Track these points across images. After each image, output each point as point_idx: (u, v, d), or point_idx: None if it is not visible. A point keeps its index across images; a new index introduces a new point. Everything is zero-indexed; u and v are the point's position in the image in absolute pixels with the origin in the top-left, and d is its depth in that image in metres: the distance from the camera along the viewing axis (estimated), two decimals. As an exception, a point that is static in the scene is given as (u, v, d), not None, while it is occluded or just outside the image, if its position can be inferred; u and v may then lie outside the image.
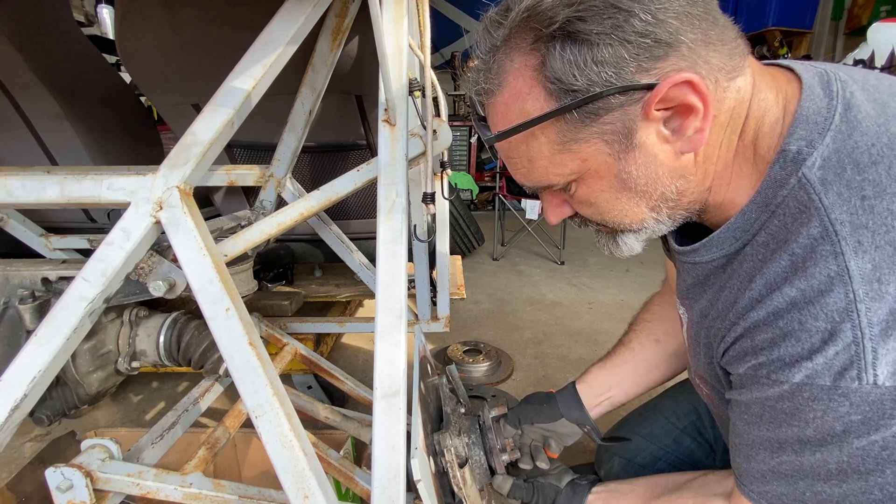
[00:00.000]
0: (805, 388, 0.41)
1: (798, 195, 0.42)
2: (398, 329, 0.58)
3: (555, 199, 0.54)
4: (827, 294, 0.39)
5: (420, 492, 0.57)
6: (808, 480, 0.45)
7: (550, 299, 2.41)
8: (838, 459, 0.42)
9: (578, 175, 0.47)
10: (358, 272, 1.21)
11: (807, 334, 0.40)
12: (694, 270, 0.57)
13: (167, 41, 0.98)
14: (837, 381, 0.39)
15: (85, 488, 0.67)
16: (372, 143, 1.20)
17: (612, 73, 0.40)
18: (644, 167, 0.45)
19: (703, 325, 0.57)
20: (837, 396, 0.39)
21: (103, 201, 0.63)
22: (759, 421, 0.47)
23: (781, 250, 0.43)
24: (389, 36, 0.63)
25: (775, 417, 0.45)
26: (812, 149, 0.41)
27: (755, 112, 0.45)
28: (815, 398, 0.41)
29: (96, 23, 2.89)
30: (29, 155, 1.30)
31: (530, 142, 0.47)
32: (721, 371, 0.54)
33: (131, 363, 0.81)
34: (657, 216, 0.50)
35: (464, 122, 4.46)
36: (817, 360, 0.40)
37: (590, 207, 0.51)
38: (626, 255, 0.56)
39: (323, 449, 0.90)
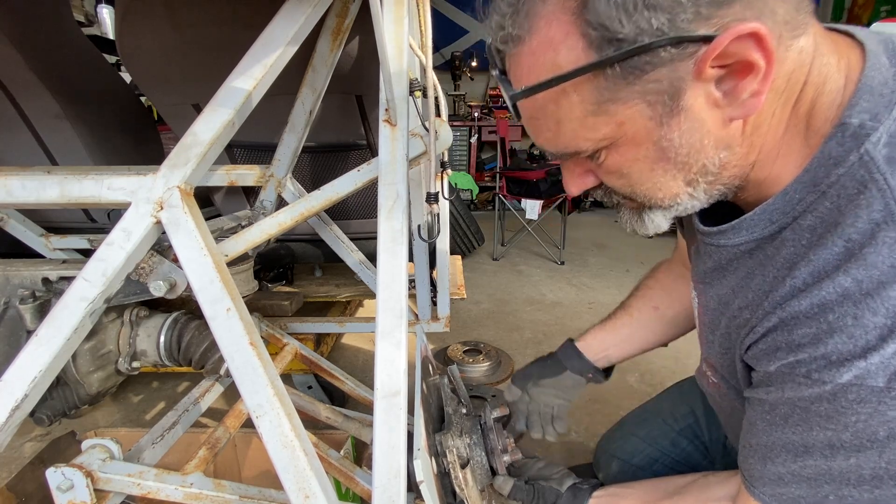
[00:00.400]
0: (852, 390, 0.37)
1: (858, 174, 0.38)
2: (399, 329, 0.58)
3: (578, 167, 0.48)
4: (888, 286, 0.35)
5: (423, 493, 0.57)
6: (835, 485, 0.42)
7: (550, 299, 2.41)
8: (875, 465, 0.39)
9: (612, 141, 0.41)
10: (358, 272, 1.21)
11: (862, 330, 0.36)
12: (717, 253, 0.52)
13: (167, 41, 0.98)
14: (892, 382, 0.36)
15: (85, 488, 0.67)
16: (372, 143, 1.20)
17: (666, 20, 0.34)
18: (688, 134, 0.39)
19: (723, 314, 0.52)
20: (889, 399, 0.36)
21: (104, 201, 0.63)
22: (785, 423, 0.43)
23: (833, 234, 0.38)
24: (390, 36, 0.63)
25: (807, 420, 0.41)
26: (877, 123, 0.37)
27: (815, 78, 0.40)
28: (863, 401, 0.37)
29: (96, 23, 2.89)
30: (29, 155, 1.30)
31: (560, 100, 0.40)
32: (742, 365, 0.50)
33: (132, 363, 0.81)
34: (693, 191, 0.44)
35: (464, 122, 4.46)
36: (872, 360, 0.36)
37: (620, 178, 0.45)
38: (651, 233, 0.50)
39: (323, 449, 0.90)
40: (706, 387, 0.67)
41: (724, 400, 0.62)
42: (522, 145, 4.70)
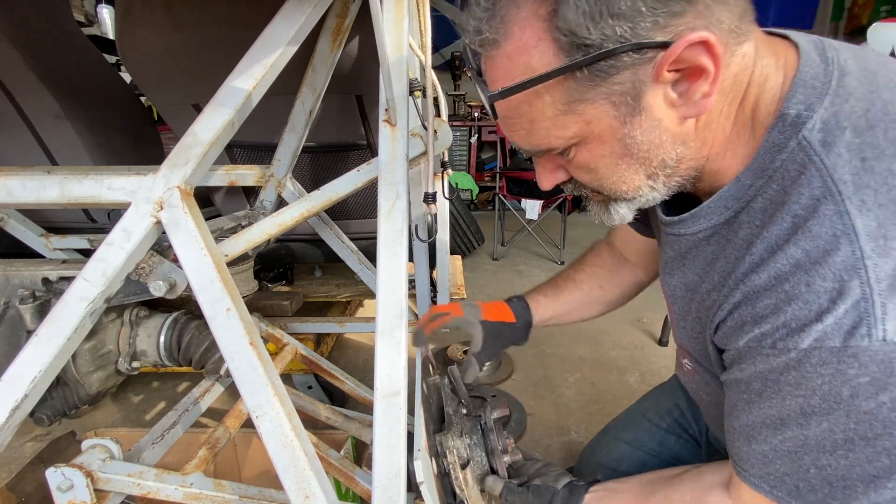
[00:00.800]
0: (814, 353, 0.40)
1: (798, 157, 0.42)
2: (399, 329, 0.58)
3: (550, 163, 0.52)
4: (833, 252, 0.39)
5: (423, 494, 0.57)
6: (813, 454, 0.43)
7: (550, 299, 2.41)
8: (845, 427, 0.41)
9: (581, 139, 0.45)
10: (358, 272, 1.21)
11: (815, 295, 0.39)
12: (678, 243, 0.56)
13: (167, 41, 0.98)
14: (847, 340, 0.38)
15: (85, 488, 0.67)
16: (372, 143, 1.20)
17: (628, 28, 0.38)
18: (648, 132, 0.44)
19: (692, 300, 0.55)
20: (847, 358, 0.39)
21: (104, 201, 0.63)
22: (760, 398, 0.46)
23: (782, 212, 0.42)
24: (390, 36, 0.63)
25: (779, 391, 0.44)
26: (811, 112, 0.42)
27: (757, 78, 0.45)
28: (824, 362, 0.40)
29: (96, 23, 2.89)
30: (29, 155, 1.30)
31: (533, 101, 0.44)
32: (713, 348, 0.53)
33: (132, 363, 0.82)
34: (653, 184, 0.48)
35: (464, 122, 4.46)
36: (827, 321, 0.39)
37: (588, 173, 0.49)
38: (617, 223, 0.54)
39: (323, 449, 0.90)
40: (684, 376, 0.69)
41: (701, 387, 0.64)
42: (522, 145, 4.70)
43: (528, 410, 1.55)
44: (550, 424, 1.49)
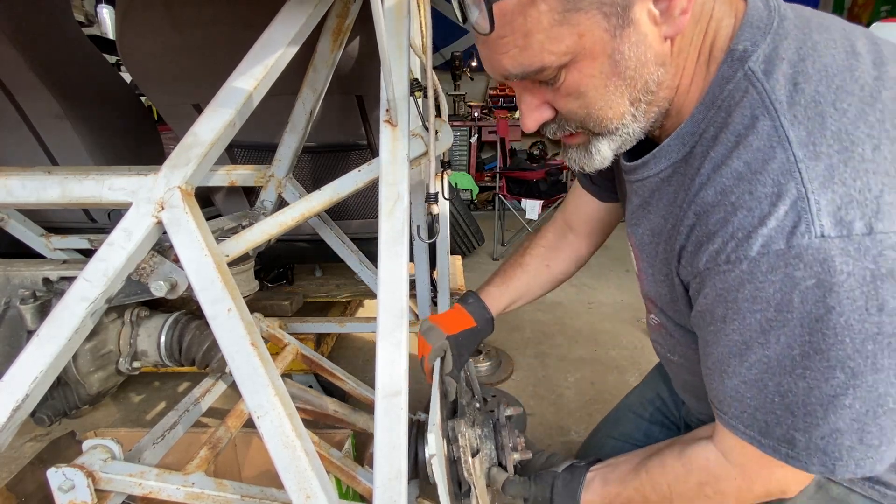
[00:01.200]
0: (763, 260, 0.42)
1: (742, 85, 0.46)
2: (399, 329, 0.58)
3: (535, 99, 0.52)
4: (771, 160, 0.42)
5: (433, 467, 0.57)
6: (776, 378, 0.46)
7: (550, 299, 2.41)
8: (801, 340, 0.43)
9: (573, 55, 0.46)
10: (358, 272, 1.21)
11: (757, 201, 0.43)
12: (641, 189, 0.59)
13: (168, 41, 0.98)
14: (790, 240, 0.41)
15: (86, 488, 0.67)
16: (373, 143, 1.20)
17: None
18: (635, 48, 0.46)
19: (658, 243, 0.58)
20: (792, 259, 0.41)
21: (104, 201, 0.63)
22: (724, 324, 0.48)
23: (725, 132, 0.46)
24: (391, 36, 0.63)
25: (738, 310, 0.46)
26: (756, 48, 0.46)
27: (716, 15, 0.49)
28: (773, 268, 0.42)
29: (96, 23, 2.89)
30: (29, 155, 1.30)
31: (529, 10, 0.44)
32: (681, 289, 0.55)
33: (132, 363, 0.82)
34: (635, 112, 0.50)
35: (464, 122, 4.46)
36: (770, 224, 0.42)
37: (577, 100, 0.49)
38: (598, 166, 0.55)
39: (325, 448, 0.90)
40: (652, 333, 0.71)
41: (668, 345, 0.67)
42: (522, 145, 4.70)
43: (528, 410, 1.55)
44: (550, 424, 1.50)
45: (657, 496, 0.60)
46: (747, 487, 0.54)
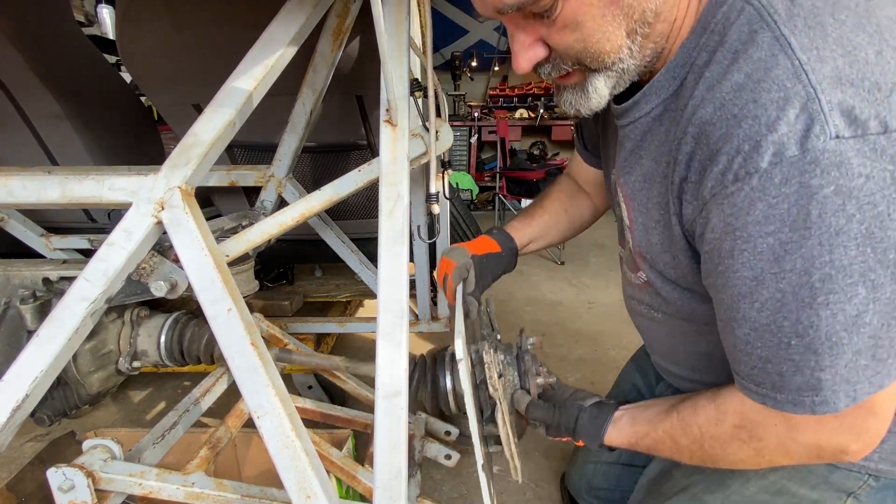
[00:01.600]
0: (775, 172, 0.40)
1: (736, 5, 0.45)
2: (400, 329, 0.58)
3: (528, 37, 0.50)
4: (774, 67, 0.40)
5: (460, 371, 0.58)
6: (793, 314, 0.42)
7: (550, 299, 2.41)
8: (820, 260, 0.40)
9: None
10: (358, 272, 1.21)
11: (762, 109, 0.40)
12: (633, 133, 0.58)
13: (168, 41, 0.98)
14: (804, 144, 0.38)
15: (86, 488, 0.67)
16: (373, 143, 1.20)
17: None
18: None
19: (652, 188, 0.56)
20: (808, 166, 0.38)
21: (105, 201, 0.63)
22: (732, 259, 0.44)
23: (720, 51, 0.44)
24: (391, 36, 0.63)
25: (748, 237, 0.42)
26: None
27: None
28: (787, 179, 0.39)
29: (96, 23, 2.89)
30: (29, 155, 1.30)
31: None
32: (679, 230, 0.52)
33: (132, 363, 0.81)
34: (631, 45, 0.48)
35: (464, 122, 4.46)
36: (780, 129, 0.39)
37: (573, 32, 0.48)
38: (594, 106, 0.53)
39: (325, 448, 0.90)
40: (635, 295, 0.71)
41: (655, 303, 0.65)
42: (522, 145, 4.70)
43: (528, 410, 1.55)
44: (550, 424, 1.49)
45: (688, 439, 0.56)
46: (790, 437, 0.49)
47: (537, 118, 4.48)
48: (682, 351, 0.69)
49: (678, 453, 0.58)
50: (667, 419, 0.59)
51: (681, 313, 0.63)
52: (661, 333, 0.70)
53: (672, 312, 0.64)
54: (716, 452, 0.55)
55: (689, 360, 0.70)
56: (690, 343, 0.67)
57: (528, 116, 4.62)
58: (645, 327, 0.74)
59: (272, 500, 0.69)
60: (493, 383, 0.63)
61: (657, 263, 0.60)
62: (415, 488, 0.90)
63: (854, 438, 0.47)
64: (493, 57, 4.75)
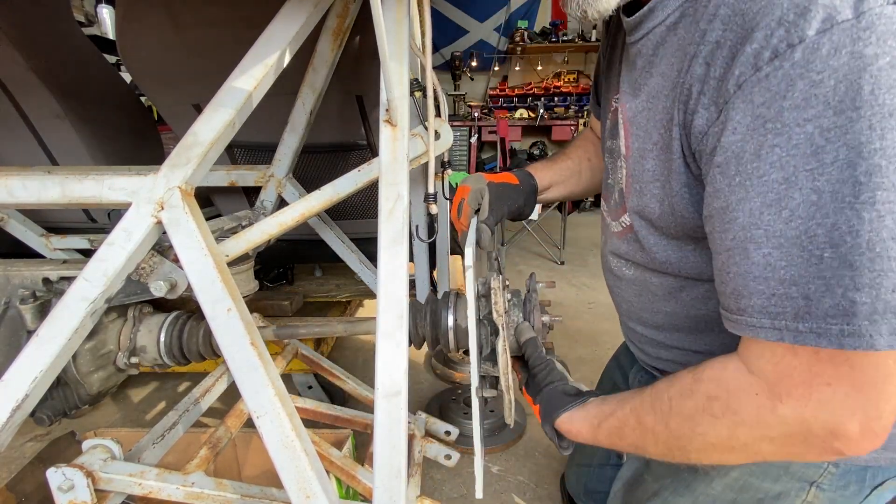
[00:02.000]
0: (823, 41, 0.34)
1: None
2: (400, 329, 0.58)
3: None
4: None
5: (466, 278, 0.59)
6: (830, 218, 0.35)
7: (550, 299, 2.42)
8: (868, 147, 0.33)
9: None
10: (358, 272, 1.21)
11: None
12: (646, 46, 0.54)
13: (168, 41, 0.98)
14: (859, 6, 0.33)
15: (86, 488, 0.67)
16: (373, 143, 1.20)
17: None
18: None
19: (658, 101, 0.51)
20: (862, 32, 0.33)
21: (104, 201, 0.63)
22: (758, 161, 0.38)
23: None
24: (390, 36, 0.63)
25: (782, 129, 0.36)
26: None
27: None
28: (837, 48, 0.34)
29: (96, 23, 2.89)
30: (29, 155, 1.30)
31: None
32: (680, 153, 0.47)
33: (130, 358, 0.81)
34: None
35: (464, 122, 4.46)
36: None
37: None
38: (603, 7, 0.50)
39: (324, 448, 0.90)
40: (612, 245, 0.68)
41: (632, 250, 0.63)
42: (522, 145, 4.71)
43: (527, 411, 1.55)
44: (550, 424, 1.49)
45: (653, 416, 0.49)
46: (770, 407, 0.40)
47: (537, 118, 4.48)
48: (650, 309, 0.66)
49: (642, 438, 0.50)
50: (637, 395, 0.52)
51: (653, 263, 0.60)
52: (630, 293, 0.68)
53: (645, 263, 0.61)
54: (682, 432, 0.46)
55: (655, 318, 0.67)
56: (659, 301, 0.64)
57: (528, 116, 4.62)
58: (615, 287, 0.73)
59: (272, 500, 0.69)
60: (498, 309, 0.61)
61: (644, 195, 0.55)
62: (414, 488, 0.90)
63: (856, 418, 0.37)
64: (493, 57, 4.75)
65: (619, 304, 0.76)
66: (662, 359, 0.70)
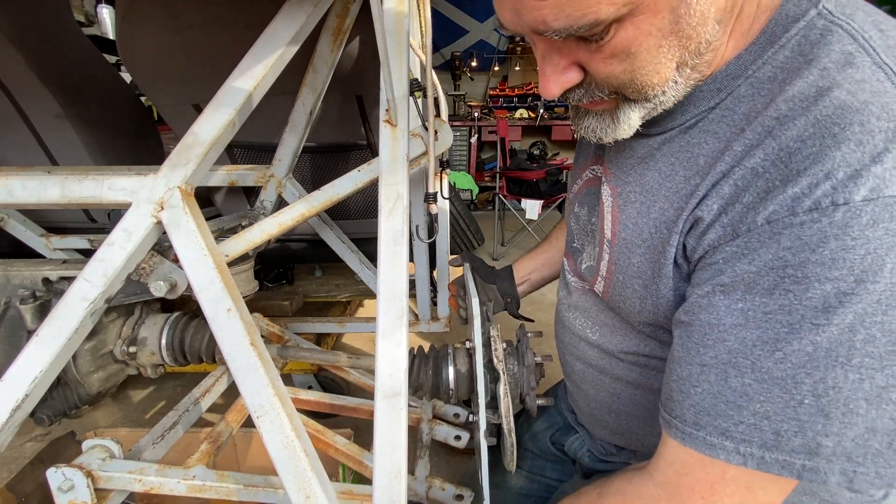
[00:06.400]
0: (866, 209, 0.34)
1: (819, 24, 0.41)
2: (400, 329, 0.58)
3: (563, 60, 0.43)
4: (883, 94, 0.36)
5: (473, 328, 0.64)
6: (819, 372, 0.37)
7: (550, 299, 2.41)
8: (871, 321, 0.35)
9: (633, 6, 0.37)
10: (358, 272, 1.21)
11: (869, 136, 0.35)
12: (648, 142, 0.53)
13: (168, 41, 0.98)
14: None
15: (86, 488, 0.67)
16: (373, 143, 1.20)
17: None
18: (703, 1, 0.39)
19: (654, 202, 0.50)
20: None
21: (104, 202, 0.63)
22: (768, 298, 0.38)
23: (808, 68, 0.39)
24: (391, 36, 0.63)
25: (802, 278, 0.36)
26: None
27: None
28: (875, 221, 0.34)
29: (96, 23, 2.89)
30: (29, 155, 1.30)
31: None
32: (672, 258, 0.47)
33: (129, 348, 0.80)
34: (678, 78, 0.44)
35: (464, 122, 4.46)
36: (886, 163, 0.34)
37: (622, 62, 0.41)
38: (620, 136, 0.48)
39: (329, 436, 0.91)
40: (572, 299, 0.68)
41: (593, 314, 0.63)
42: (522, 145, 4.71)
43: (528, 410, 1.55)
44: (550, 424, 1.49)
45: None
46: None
47: (537, 118, 4.49)
48: (617, 391, 0.64)
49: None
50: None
51: (619, 336, 0.60)
52: (588, 369, 0.66)
53: (608, 333, 0.61)
54: None
55: (590, 406, 0.69)
56: (597, 385, 0.66)
57: (528, 116, 4.62)
58: (569, 355, 0.71)
59: (275, 489, 0.69)
60: (498, 355, 0.66)
61: (626, 288, 0.55)
62: (423, 469, 0.92)
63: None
64: (493, 57, 4.75)
65: (574, 387, 0.74)
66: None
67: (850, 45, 0.39)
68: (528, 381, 0.69)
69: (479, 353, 0.64)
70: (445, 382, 0.73)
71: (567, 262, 0.71)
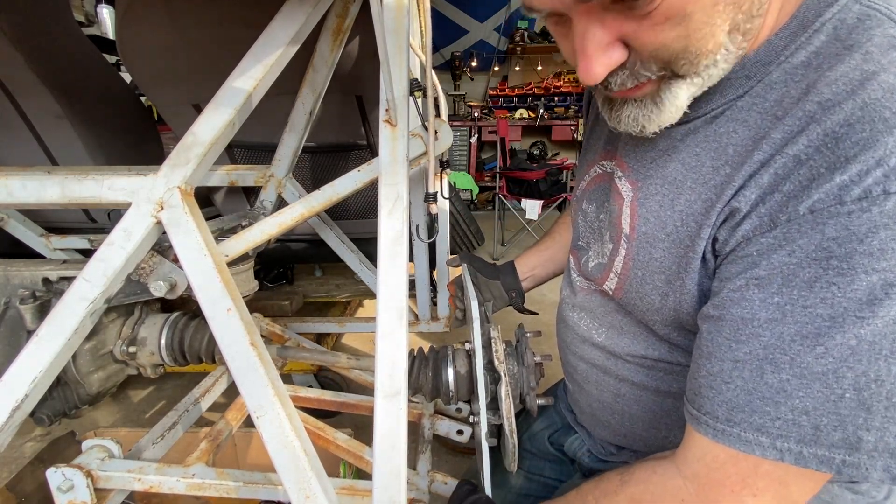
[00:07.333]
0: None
1: (854, 8, 0.39)
2: (399, 329, 0.58)
3: (607, 34, 0.39)
4: None
5: (473, 329, 0.64)
6: (862, 365, 0.36)
7: (550, 299, 2.41)
8: None
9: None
10: (358, 272, 1.22)
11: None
12: (671, 133, 0.50)
13: (167, 41, 0.98)
14: None
15: (86, 488, 0.67)
16: (373, 143, 1.20)
17: None
18: None
19: (679, 194, 0.48)
20: None
21: (104, 201, 0.63)
22: (808, 291, 0.37)
23: (849, 54, 0.38)
24: (390, 36, 0.63)
25: (848, 269, 0.35)
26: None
27: None
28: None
29: (96, 23, 2.89)
30: (29, 155, 1.30)
31: None
32: (700, 251, 0.45)
33: (129, 348, 0.80)
34: (728, 46, 0.40)
35: (464, 122, 4.46)
36: None
37: (675, 27, 0.37)
38: (665, 121, 0.45)
39: (330, 433, 0.91)
40: (577, 299, 0.67)
41: (601, 313, 0.62)
42: (522, 145, 4.71)
43: (528, 410, 1.55)
44: (550, 424, 1.49)
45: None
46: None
47: (537, 118, 4.49)
48: (620, 393, 0.64)
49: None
50: (562, 500, 0.53)
51: (627, 336, 0.59)
52: (591, 369, 0.65)
53: (616, 333, 0.60)
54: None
55: (592, 407, 0.68)
56: (602, 387, 0.65)
57: (528, 116, 4.62)
58: (570, 356, 0.70)
59: (275, 486, 0.69)
60: (499, 356, 0.66)
61: (645, 284, 0.52)
62: (425, 464, 0.92)
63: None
64: (493, 57, 4.75)
65: (574, 386, 0.74)
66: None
67: (893, 29, 0.37)
68: (528, 380, 0.69)
69: (479, 355, 0.64)
70: (445, 384, 0.73)
71: (572, 260, 0.71)
